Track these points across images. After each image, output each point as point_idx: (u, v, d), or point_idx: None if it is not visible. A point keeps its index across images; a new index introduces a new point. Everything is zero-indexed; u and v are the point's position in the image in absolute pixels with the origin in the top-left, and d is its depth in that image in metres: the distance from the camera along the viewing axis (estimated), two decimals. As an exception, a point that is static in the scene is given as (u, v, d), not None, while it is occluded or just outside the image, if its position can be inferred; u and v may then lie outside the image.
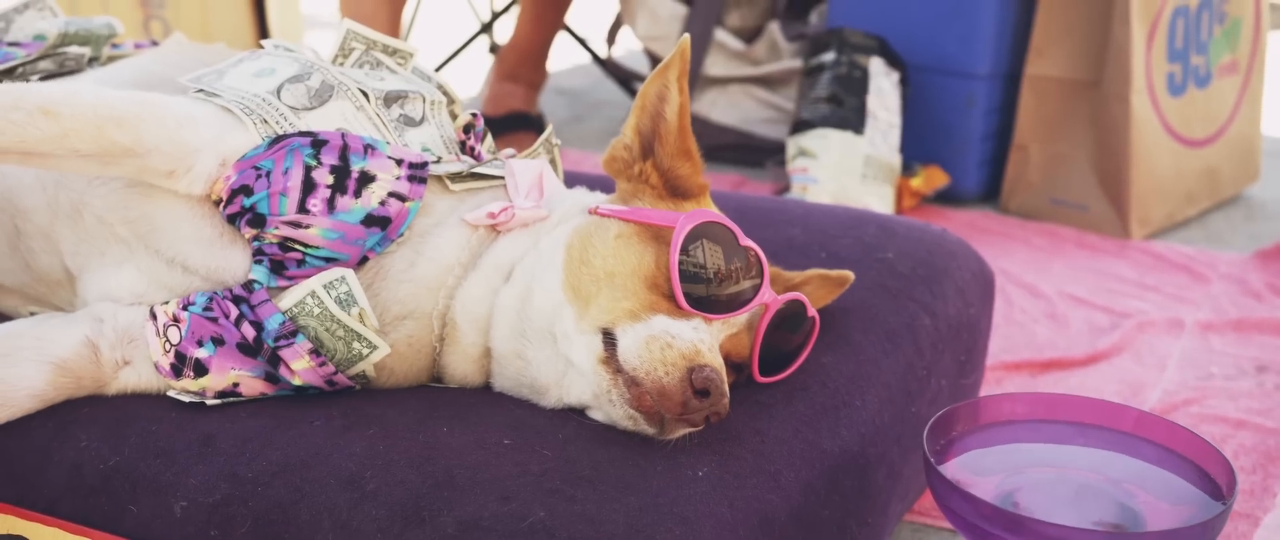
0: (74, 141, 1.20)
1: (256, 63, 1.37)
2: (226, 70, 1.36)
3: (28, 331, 1.28)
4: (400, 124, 1.37)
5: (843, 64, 2.79)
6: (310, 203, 1.25)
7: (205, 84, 1.33)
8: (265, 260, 1.27)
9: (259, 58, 1.39)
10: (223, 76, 1.35)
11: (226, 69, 1.36)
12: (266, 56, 1.38)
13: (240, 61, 1.38)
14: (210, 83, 1.34)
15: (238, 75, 1.35)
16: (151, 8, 4.03)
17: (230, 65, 1.37)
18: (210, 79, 1.34)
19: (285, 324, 1.25)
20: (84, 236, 1.34)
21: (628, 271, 1.25)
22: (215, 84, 1.33)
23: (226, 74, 1.35)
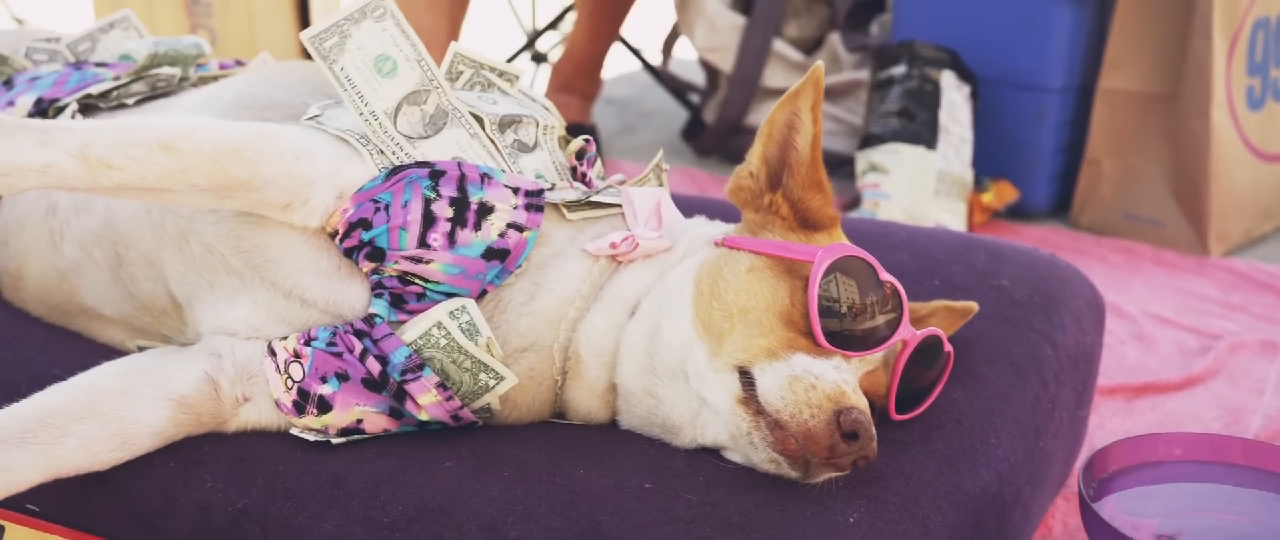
0: (192, 176, 1.17)
1: (379, 37, 1.27)
2: (348, 36, 1.26)
3: (147, 367, 1.25)
4: (514, 150, 1.34)
5: (913, 77, 2.75)
6: (430, 237, 1.22)
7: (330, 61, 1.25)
8: (385, 294, 1.24)
9: (383, 25, 1.28)
10: (344, 51, 1.26)
11: (347, 34, 1.26)
12: (391, 27, 1.29)
13: (361, 19, 1.27)
14: (333, 54, 1.24)
15: (357, 59, 1.26)
16: (198, 17, 4.02)
17: (349, 19, 1.27)
18: (332, 48, 1.25)
19: (411, 357, 1.21)
20: (191, 264, 1.31)
21: (762, 307, 1.21)
22: (337, 66, 1.25)
23: (347, 48, 1.26)
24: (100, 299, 1.41)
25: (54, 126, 1.12)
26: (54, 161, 1.10)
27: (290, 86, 1.47)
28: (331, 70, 1.25)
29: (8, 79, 1.69)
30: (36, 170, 1.10)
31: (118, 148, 1.13)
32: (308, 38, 1.26)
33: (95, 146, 1.12)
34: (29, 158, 1.09)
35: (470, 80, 1.42)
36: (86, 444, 1.18)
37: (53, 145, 1.11)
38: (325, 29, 1.27)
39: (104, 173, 1.13)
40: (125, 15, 1.83)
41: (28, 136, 1.10)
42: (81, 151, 1.12)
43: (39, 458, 1.15)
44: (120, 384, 1.22)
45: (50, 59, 1.76)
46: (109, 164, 1.13)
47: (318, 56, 1.26)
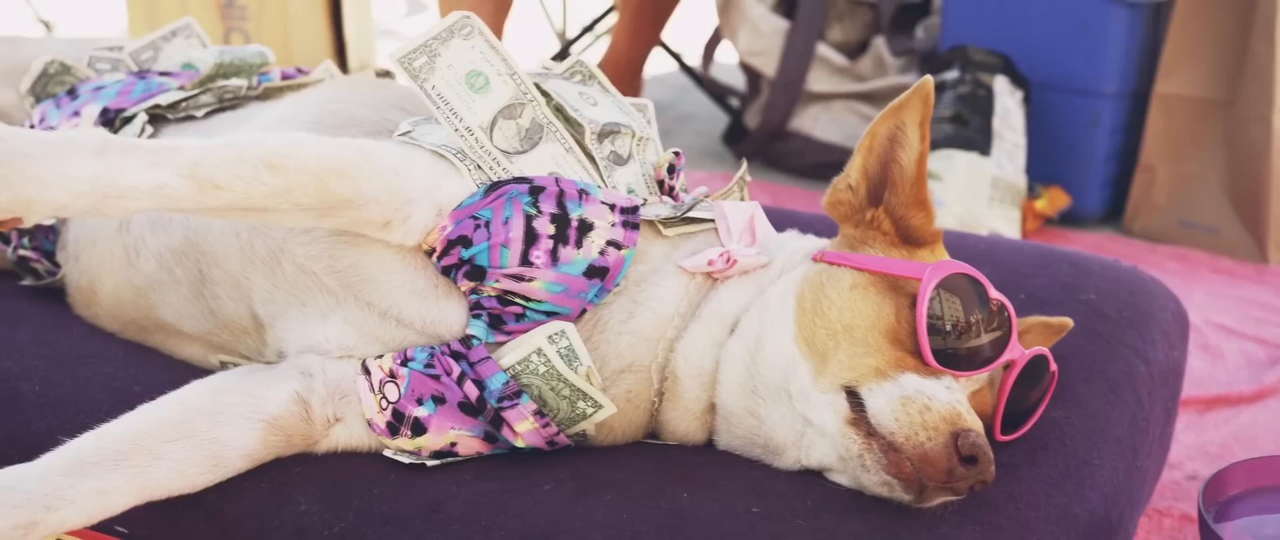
0: (297, 195, 1.14)
1: (469, 54, 1.25)
2: (437, 56, 1.25)
3: (236, 387, 1.22)
4: (609, 162, 1.31)
5: (966, 82, 2.71)
6: (533, 254, 1.19)
7: (420, 80, 1.23)
8: (484, 314, 1.21)
9: (472, 43, 1.26)
10: (434, 70, 1.24)
11: (436, 52, 1.25)
12: (480, 43, 1.27)
13: (449, 37, 1.25)
14: (423, 73, 1.23)
15: (448, 77, 1.25)
16: (232, 20, 4.00)
17: (437, 38, 1.25)
18: (422, 67, 1.24)
19: (509, 384, 1.18)
20: (281, 284, 1.29)
21: (867, 325, 1.18)
22: (428, 83, 1.23)
23: (437, 67, 1.24)
24: (179, 315, 1.39)
25: (162, 146, 1.09)
26: (165, 182, 1.08)
27: (369, 103, 1.45)
28: (423, 88, 1.23)
29: (71, 88, 1.67)
30: (148, 191, 1.07)
31: (225, 166, 1.11)
32: (396, 58, 1.24)
33: (204, 166, 1.10)
34: (141, 179, 1.07)
35: (570, 70, 1.39)
36: (179, 466, 1.15)
37: (163, 165, 1.08)
38: (413, 49, 1.25)
39: (212, 193, 1.10)
40: (187, 23, 1.81)
41: (139, 157, 1.07)
42: (191, 171, 1.09)
43: (133, 480, 1.13)
44: (211, 405, 1.20)
45: (113, 68, 1.74)
46: (217, 184, 1.10)
47: (408, 76, 1.23)
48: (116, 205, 1.07)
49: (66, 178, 1.04)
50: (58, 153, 1.04)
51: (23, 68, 1.72)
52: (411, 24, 6.04)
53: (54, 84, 1.70)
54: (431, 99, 1.23)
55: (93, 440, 1.15)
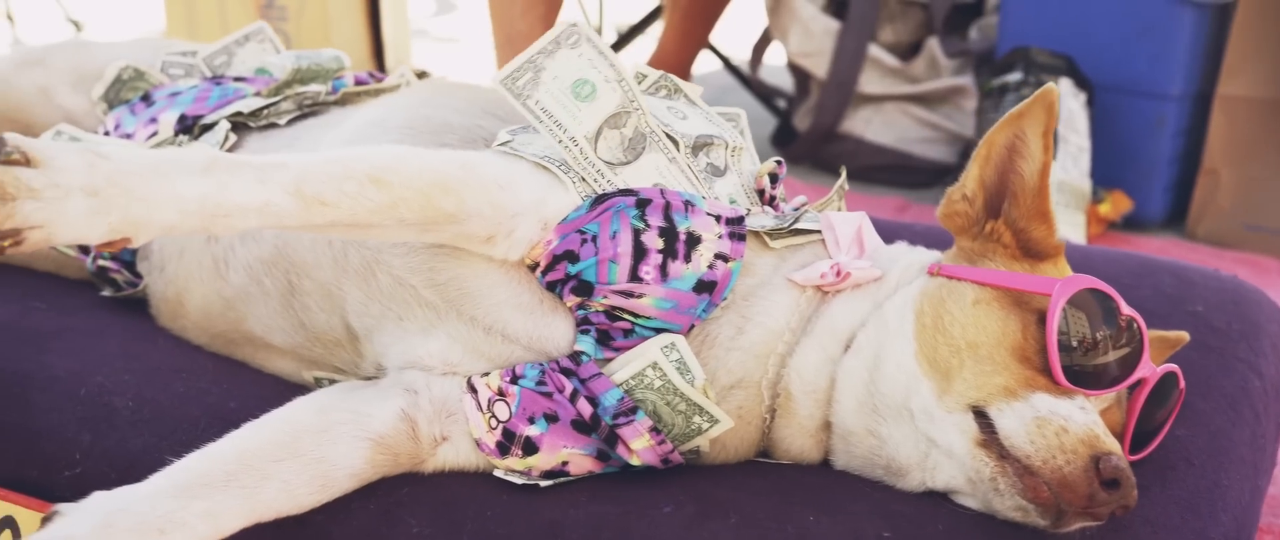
0: (402, 211, 1.11)
1: (575, 62, 1.22)
2: (542, 69, 1.21)
3: (341, 405, 1.19)
4: (707, 174, 1.27)
5: (1030, 84, 2.67)
6: (642, 270, 1.15)
7: (525, 98, 1.19)
8: (592, 330, 1.18)
9: (579, 51, 1.22)
10: (538, 84, 1.21)
11: (542, 66, 1.21)
12: (587, 51, 1.23)
13: (554, 49, 1.22)
14: (527, 91, 1.20)
15: (553, 88, 1.21)
16: (272, 20, 3.97)
17: (542, 52, 1.22)
18: (526, 85, 1.20)
19: (623, 400, 1.15)
20: (377, 296, 1.25)
21: (992, 342, 1.15)
22: (532, 100, 1.20)
23: (542, 80, 1.21)
24: (268, 328, 1.35)
25: (268, 163, 1.06)
26: (272, 200, 1.05)
27: (460, 108, 1.41)
28: (526, 107, 1.19)
29: (145, 94, 1.64)
30: (256, 209, 1.04)
31: (331, 182, 1.07)
32: (500, 80, 1.20)
33: (310, 182, 1.06)
34: (249, 197, 1.04)
35: (656, 84, 1.36)
36: (287, 487, 1.12)
37: (270, 182, 1.05)
38: (517, 67, 1.21)
39: (319, 210, 1.07)
40: (260, 27, 1.78)
41: (246, 174, 1.04)
42: (298, 188, 1.06)
43: (243, 502, 1.09)
44: (317, 423, 1.16)
45: (186, 73, 1.71)
46: (324, 200, 1.07)
47: (511, 97, 1.20)
48: (224, 224, 1.04)
49: (176, 197, 1.01)
50: (166, 172, 1.01)
51: (94, 73, 1.70)
52: (441, 24, 6.02)
53: (127, 90, 1.67)
54: (535, 115, 1.19)
55: (201, 460, 1.12)
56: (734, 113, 1.39)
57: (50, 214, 0.94)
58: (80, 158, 0.97)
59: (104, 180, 0.97)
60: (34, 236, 0.94)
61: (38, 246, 0.94)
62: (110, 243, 0.99)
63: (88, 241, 0.97)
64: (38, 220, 0.94)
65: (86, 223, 0.96)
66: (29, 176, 0.94)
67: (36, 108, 1.72)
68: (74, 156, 0.97)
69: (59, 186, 0.95)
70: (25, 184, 0.94)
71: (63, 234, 0.95)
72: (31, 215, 0.93)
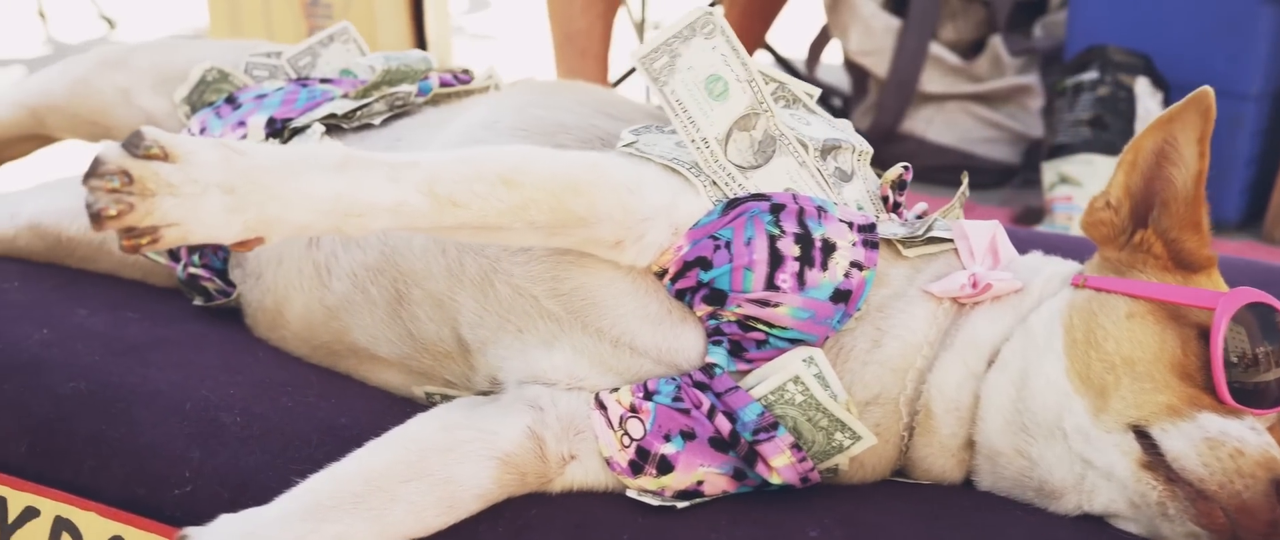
0: (532, 213, 1.06)
1: (710, 56, 1.17)
2: (677, 56, 1.16)
3: (465, 422, 1.14)
4: (836, 179, 1.22)
5: (1106, 84, 2.62)
6: (779, 278, 1.10)
7: (660, 83, 1.14)
8: (724, 341, 1.13)
9: (713, 43, 1.17)
10: (674, 71, 1.15)
11: (677, 52, 1.16)
12: (722, 44, 1.18)
13: (690, 35, 1.16)
14: (663, 76, 1.14)
15: (687, 79, 1.16)
16: (317, 19, 3.93)
17: (678, 36, 1.16)
18: (662, 69, 1.15)
19: (763, 415, 1.10)
20: (495, 307, 1.21)
21: (1149, 358, 1.09)
22: (667, 87, 1.14)
23: (677, 68, 1.16)
24: (374, 339, 1.31)
25: (399, 161, 1.02)
26: (405, 200, 1.00)
27: (570, 108, 1.36)
28: (663, 93, 1.14)
29: (230, 96, 1.60)
30: (389, 209, 1.00)
31: (462, 183, 1.03)
32: (638, 57, 1.15)
33: (442, 182, 1.02)
34: (382, 196, 0.99)
35: (776, 93, 1.31)
36: (415, 508, 1.07)
37: (402, 181, 1.00)
38: (654, 48, 1.16)
39: (450, 211, 1.02)
40: (344, 28, 1.73)
41: (379, 173, 1.00)
42: (430, 188, 1.01)
43: (372, 524, 1.05)
44: (443, 442, 1.12)
45: (271, 75, 1.66)
46: (456, 201, 1.02)
47: (648, 78, 1.15)
48: (357, 224, 0.99)
49: (310, 196, 0.97)
50: (301, 169, 0.97)
51: (177, 75, 1.65)
52: (474, 21, 5.98)
53: (210, 92, 1.63)
54: (670, 105, 1.14)
55: (327, 481, 1.08)
56: (843, 124, 1.34)
57: (187, 211, 0.91)
58: (217, 153, 0.93)
59: (240, 177, 0.93)
60: (170, 234, 0.90)
61: (172, 244, 0.91)
62: (243, 242, 0.95)
63: (222, 240, 0.94)
64: (175, 217, 0.90)
65: (222, 221, 0.92)
66: (167, 171, 0.90)
67: (117, 109, 1.68)
68: (211, 152, 0.93)
69: (196, 182, 0.91)
70: (164, 179, 0.90)
71: (199, 232, 0.91)
72: (170, 212, 0.90)
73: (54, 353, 1.33)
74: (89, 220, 0.89)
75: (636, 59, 1.15)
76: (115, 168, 0.89)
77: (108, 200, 0.88)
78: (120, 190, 0.88)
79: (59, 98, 1.70)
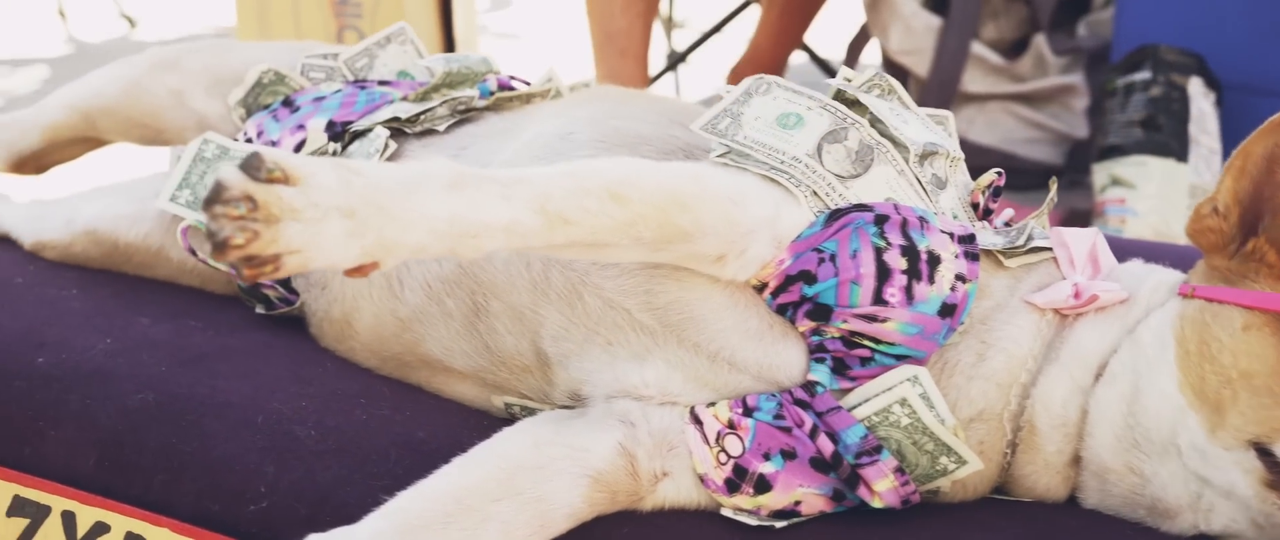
0: (640, 229, 1.02)
1: (773, 104, 1.16)
2: (740, 114, 1.17)
3: (554, 438, 1.10)
4: (933, 186, 1.18)
5: (1159, 84, 2.57)
6: (887, 292, 1.07)
7: (729, 138, 1.14)
8: (827, 358, 1.09)
9: (772, 96, 1.17)
10: (741, 126, 1.16)
11: (739, 112, 1.17)
12: (781, 93, 1.17)
13: (747, 98, 1.17)
14: (731, 133, 1.15)
15: (758, 126, 1.15)
16: (346, 18, 3.90)
17: (735, 102, 1.18)
18: (728, 128, 1.16)
19: (867, 438, 1.06)
20: (580, 320, 1.17)
21: (1268, 371, 1.05)
22: (738, 137, 1.14)
23: (743, 122, 1.16)
24: (449, 351, 1.27)
25: (510, 178, 0.98)
26: (518, 218, 0.96)
27: (648, 118, 1.33)
28: (735, 144, 1.13)
29: (287, 99, 1.56)
30: (503, 228, 0.96)
31: (571, 198, 0.99)
32: (700, 129, 1.15)
33: (553, 198, 0.98)
34: (496, 215, 0.95)
35: (869, 82, 1.27)
36: (506, 528, 1.04)
37: (515, 199, 0.96)
38: (715, 115, 1.16)
39: (561, 229, 0.99)
40: (401, 29, 1.69)
41: (492, 190, 0.96)
42: (541, 205, 0.97)
43: None
44: (533, 459, 1.08)
45: (327, 77, 1.63)
46: (567, 218, 0.98)
47: (716, 139, 1.15)
48: (471, 245, 0.95)
49: (427, 217, 0.93)
50: (416, 189, 0.93)
51: (231, 77, 1.62)
52: (498, 19, 5.95)
53: (266, 94, 1.59)
54: (747, 148, 1.13)
55: (416, 500, 1.04)
56: (942, 115, 1.30)
57: (309, 237, 0.86)
58: (336, 174, 0.89)
59: (359, 199, 0.89)
60: (291, 262, 0.86)
61: (292, 273, 0.87)
62: (359, 267, 0.91)
63: (340, 266, 0.90)
64: (297, 244, 0.86)
65: (342, 246, 0.88)
66: (290, 196, 0.86)
67: (169, 112, 1.65)
68: (330, 173, 0.89)
69: (318, 206, 0.87)
70: (287, 204, 0.86)
71: (319, 259, 0.87)
72: (293, 238, 0.86)
73: (119, 363, 1.29)
74: (212, 249, 0.85)
75: (699, 129, 1.15)
76: (239, 193, 0.85)
77: (232, 228, 0.84)
78: (246, 217, 0.84)
79: (111, 100, 1.67)
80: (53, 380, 1.27)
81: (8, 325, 1.35)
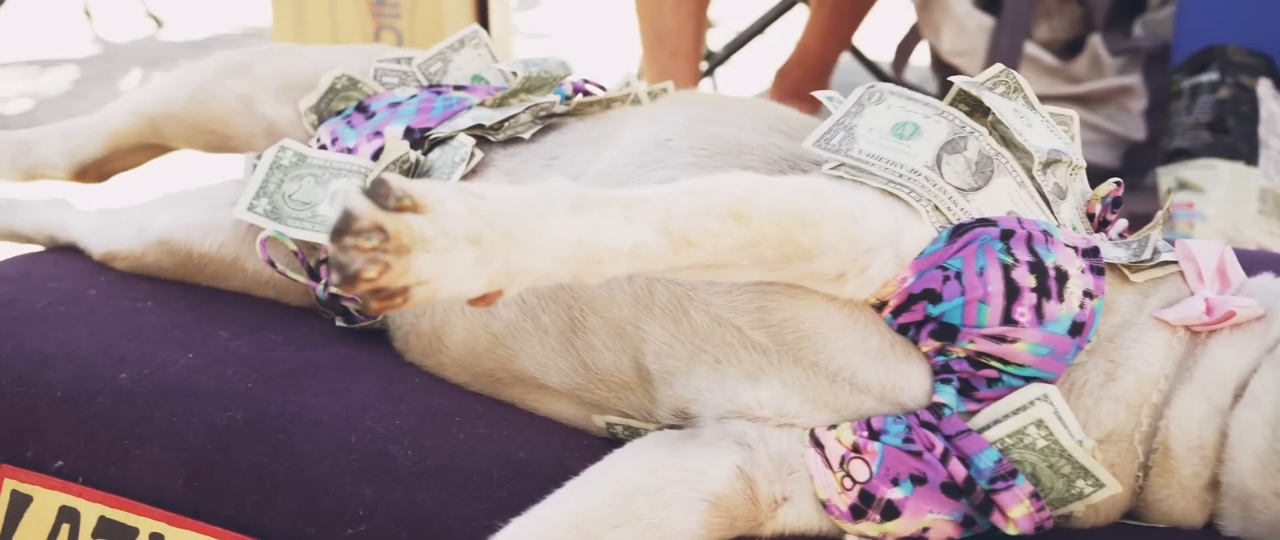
0: (762, 248, 0.98)
1: (887, 114, 1.12)
2: (854, 127, 1.12)
3: (670, 461, 1.06)
4: (1054, 196, 1.14)
5: (1227, 86, 2.52)
6: (1016, 311, 1.02)
7: (844, 153, 1.10)
8: (953, 379, 1.04)
9: (886, 104, 1.13)
10: (855, 139, 1.11)
11: (852, 125, 1.12)
12: (895, 102, 1.13)
13: (859, 109, 1.13)
14: (845, 148, 1.10)
15: (872, 138, 1.11)
16: (384, 18, 3.86)
17: (847, 114, 1.13)
18: (842, 142, 1.11)
19: (1001, 462, 1.02)
20: (687, 337, 1.12)
21: None
22: (853, 152, 1.10)
23: (857, 135, 1.12)
24: (543, 367, 1.23)
25: (631, 198, 0.94)
26: (643, 241, 0.92)
27: (744, 124, 1.28)
28: (849, 159, 1.09)
29: (360, 104, 1.52)
30: (628, 252, 0.92)
31: (693, 218, 0.95)
32: (812, 144, 1.11)
33: (675, 219, 0.94)
34: (621, 238, 0.91)
35: (995, 78, 1.22)
36: (626, 557, 0.99)
37: (638, 221, 0.92)
38: (827, 130, 1.12)
39: (685, 251, 0.94)
40: (475, 32, 1.65)
41: (616, 212, 0.92)
42: (665, 226, 0.93)
43: None
44: (649, 483, 1.04)
45: (401, 82, 1.59)
46: (690, 239, 0.94)
47: (831, 155, 1.10)
48: (596, 270, 0.91)
49: (552, 241, 0.89)
50: (540, 212, 0.89)
51: (301, 82, 1.58)
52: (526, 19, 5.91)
53: (338, 100, 1.55)
54: (863, 162, 1.09)
55: (532, 526, 1.00)
56: (1066, 115, 1.26)
57: (439, 267, 0.83)
58: (463, 200, 0.85)
59: (486, 225, 0.85)
60: (419, 293, 0.82)
61: (419, 304, 0.83)
62: (484, 297, 0.87)
63: (466, 296, 0.85)
64: (427, 274, 0.82)
65: (470, 275, 0.84)
66: (420, 225, 0.82)
67: (237, 118, 1.61)
68: (457, 199, 0.85)
69: (447, 235, 0.83)
70: (417, 233, 0.82)
71: (447, 289, 0.83)
72: (423, 269, 0.82)
73: (204, 379, 1.25)
74: (340, 281, 0.81)
75: (811, 144, 1.11)
76: (370, 223, 0.81)
77: (364, 260, 0.80)
78: (378, 249, 0.80)
79: (177, 105, 1.63)
80: (137, 397, 1.23)
81: (86, 339, 1.31)
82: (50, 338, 1.31)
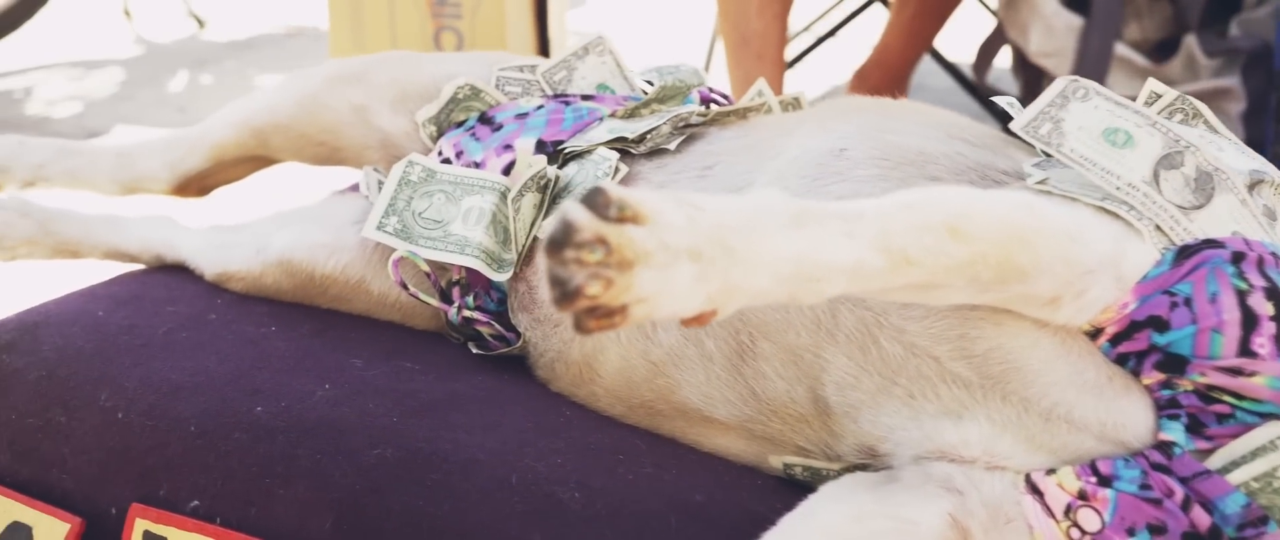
0: (979, 268, 0.90)
1: (1095, 114, 1.04)
2: (1061, 120, 1.03)
3: (877, 510, 0.98)
4: (1265, 218, 1.05)
5: (1346, 89, 2.42)
6: (1255, 342, 0.93)
7: (1054, 146, 1.01)
8: (1181, 415, 0.96)
9: (1093, 104, 1.05)
10: (1063, 135, 1.02)
11: (1059, 118, 1.03)
12: (1103, 103, 1.05)
13: (1064, 102, 1.04)
14: (1054, 141, 1.02)
15: (1083, 138, 1.02)
16: (444, 19, 3.78)
17: (1052, 104, 1.04)
18: (1050, 134, 1.02)
19: (1250, 507, 0.93)
20: (875, 367, 1.04)
21: None
22: (1064, 148, 1.01)
23: (1066, 130, 1.02)
24: (708, 399, 1.15)
25: (848, 212, 0.86)
26: (864, 259, 0.84)
27: (922, 132, 1.19)
28: (1061, 154, 1.02)
29: (484, 115, 1.44)
30: (848, 270, 0.84)
31: (911, 235, 0.87)
32: (1020, 128, 1.04)
33: (894, 235, 0.86)
34: (842, 255, 0.83)
35: (1171, 106, 1.14)
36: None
37: (858, 237, 0.85)
38: (1033, 118, 1.05)
39: (903, 270, 0.87)
40: (599, 39, 1.57)
41: (835, 227, 0.84)
42: (883, 243, 0.86)
43: None
44: (855, 533, 0.96)
45: (524, 91, 1.51)
46: (909, 258, 0.86)
47: (1039, 145, 1.03)
48: (813, 290, 0.84)
49: (772, 258, 0.81)
50: (759, 226, 0.82)
51: (419, 92, 1.50)
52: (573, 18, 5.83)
53: (459, 110, 1.47)
54: (1076, 163, 1.01)
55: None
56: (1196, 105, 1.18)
57: (660, 284, 0.76)
58: (682, 212, 0.78)
59: (705, 239, 0.78)
60: (637, 312, 0.75)
61: (636, 323, 0.75)
62: (698, 317, 0.79)
63: (682, 315, 0.78)
64: (647, 291, 0.75)
65: (689, 292, 0.77)
66: (642, 238, 0.75)
67: (349, 129, 1.53)
68: (676, 211, 0.78)
69: (669, 249, 0.76)
70: (640, 247, 0.74)
71: (665, 308, 0.76)
72: (644, 286, 0.75)
73: (344, 412, 1.17)
74: (556, 299, 0.73)
75: (1019, 129, 1.04)
76: (592, 236, 0.73)
77: (585, 275, 0.73)
78: (602, 263, 0.73)
79: (285, 116, 1.56)
80: (276, 432, 1.15)
81: (215, 369, 1.23)
82: (178, 367, 1.23)
